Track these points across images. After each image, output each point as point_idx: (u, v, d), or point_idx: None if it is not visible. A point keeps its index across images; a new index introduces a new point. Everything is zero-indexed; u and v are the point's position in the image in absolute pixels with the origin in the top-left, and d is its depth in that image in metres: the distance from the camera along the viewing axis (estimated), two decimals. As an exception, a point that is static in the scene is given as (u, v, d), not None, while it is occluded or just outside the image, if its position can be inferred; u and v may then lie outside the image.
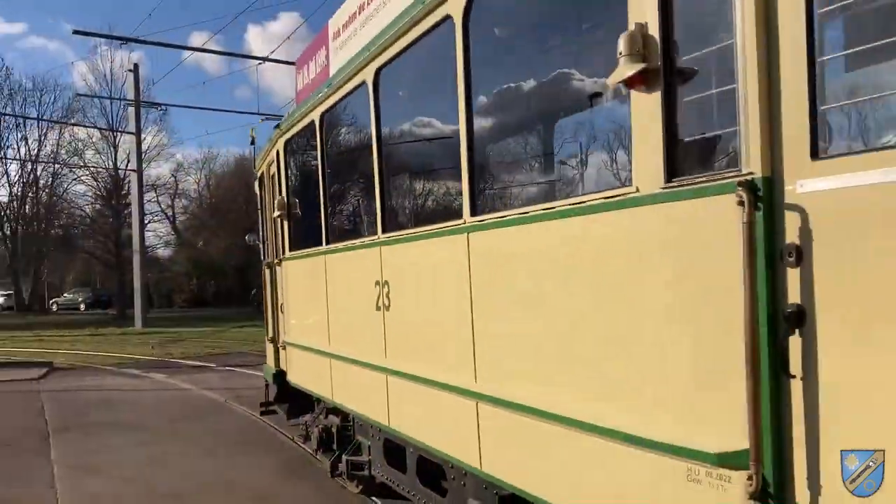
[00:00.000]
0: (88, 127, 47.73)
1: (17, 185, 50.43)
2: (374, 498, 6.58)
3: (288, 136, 7.64)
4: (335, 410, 7.09)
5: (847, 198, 2.26)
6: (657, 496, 2.90)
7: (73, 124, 47.76)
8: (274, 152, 8.22)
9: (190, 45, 46.38)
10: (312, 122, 6.71)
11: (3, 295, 54.57)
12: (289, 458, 8.28)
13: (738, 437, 2.52)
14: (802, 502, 2.42)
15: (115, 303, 46.97)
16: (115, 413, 11.58)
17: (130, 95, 36.73)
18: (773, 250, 2.45)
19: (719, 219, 2.56)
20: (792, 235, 2.41)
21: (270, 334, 9.19)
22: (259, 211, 9.78)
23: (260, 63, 28.49)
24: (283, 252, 8.06)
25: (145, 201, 41.47)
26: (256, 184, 9.88)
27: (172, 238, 58.95)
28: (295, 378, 8.15)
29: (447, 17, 4.18)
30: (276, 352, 8.90)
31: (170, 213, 57.80)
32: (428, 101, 5.17)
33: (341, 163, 6.71)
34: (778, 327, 2.44)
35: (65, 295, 58.58)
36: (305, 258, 7.24)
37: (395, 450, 5.70)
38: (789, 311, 2.41)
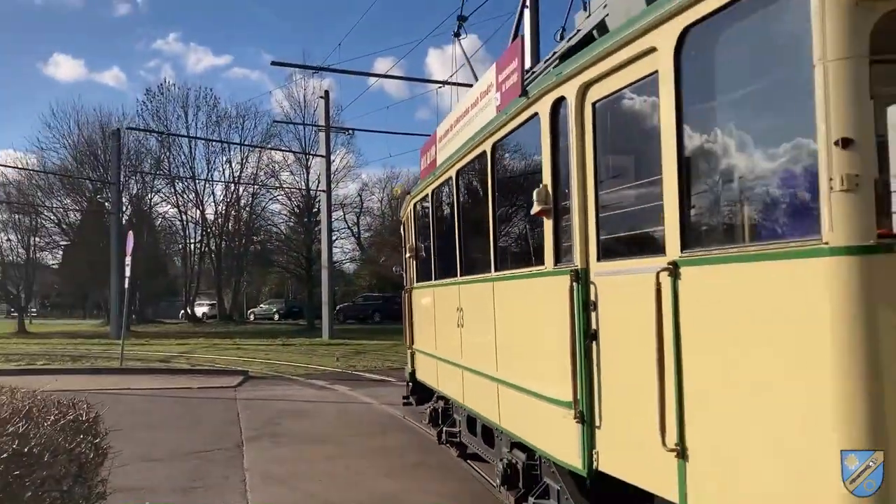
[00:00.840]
0: (284, 150, 52.92)
1: (221, 204, 55.26)
2: (469, 462, 9.74)
3: (415, 199, 11.07)
4: (441, 397, 10.37)
5: (609, 279, 5.18)
6: (558, 425, 5.81)
7: (271, 148, 52.88)
8: (408, 208, 11.66)
9: (375, 72, 51.05)
10: (427, 195, 10.06)
11: (208, 305, 60.25)
12: (473, 490, 8.65)
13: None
14: (598, 423, 5.32)
15: (305, 314, 51.51)
16: (303, 424, 12.70)
17: (321, 121, 40.88)
18: (586, 303, 5.38)
19: (565, 286, 5.50)
20: (592, 296, 5.33)
21: (407, 343, 12.46)
22: (403, 249, 13.22)
23: (440, 87, 30.59)
24: (413, 282, 11.50)
25: (333, 219, 45.68)
26: (402, 227, 13.37)
27: (357, 254, 64.07)
28: (419, 374, 11.55)
29: (483, 152, 7.32)
30: (411, 356, 12.26)
31: (355, 230, 63.01)
32: (479, 199, 8.30)
33: (442, 223, 9.96)
34: (587, 339, 5.36)
35: (261, 306, 64.45)
36: (424, 288, 10.61)
37: (471, 421, 8.84)
38: (591, 332, 5.34)
